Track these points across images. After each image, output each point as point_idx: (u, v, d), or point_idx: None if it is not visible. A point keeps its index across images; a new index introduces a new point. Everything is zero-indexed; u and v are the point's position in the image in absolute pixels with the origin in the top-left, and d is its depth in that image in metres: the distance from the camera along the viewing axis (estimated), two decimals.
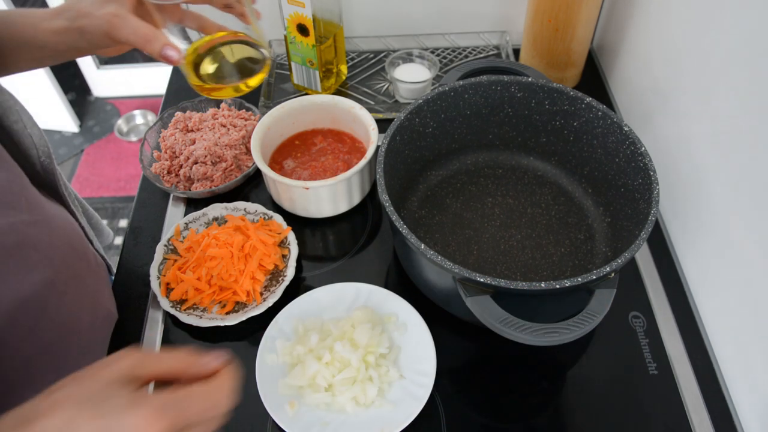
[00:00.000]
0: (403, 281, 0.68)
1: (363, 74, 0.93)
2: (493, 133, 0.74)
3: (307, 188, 0.68)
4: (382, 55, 0.96)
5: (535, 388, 0.61)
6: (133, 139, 2.20)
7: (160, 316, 0.67)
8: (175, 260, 0.68)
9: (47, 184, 0.62)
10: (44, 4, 2.09)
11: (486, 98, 0.70)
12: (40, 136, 0.59)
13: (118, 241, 1.82)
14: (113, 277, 0.72)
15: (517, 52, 0.96)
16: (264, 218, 0.72)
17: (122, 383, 0.37)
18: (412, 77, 0.86)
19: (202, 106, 0.86)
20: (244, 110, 0.85)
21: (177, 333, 0.66)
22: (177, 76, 0.97)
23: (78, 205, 0.69)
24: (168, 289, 0.66)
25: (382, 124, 0.81)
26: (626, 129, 0.63)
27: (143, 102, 2.32)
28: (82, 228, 0.67)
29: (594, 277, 0.51)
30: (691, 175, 0.67)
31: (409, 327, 0.62)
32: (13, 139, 0.57)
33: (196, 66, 0.57)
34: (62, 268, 0.56)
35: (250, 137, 0.80)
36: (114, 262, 0.75)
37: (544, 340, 0.49)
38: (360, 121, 0.75)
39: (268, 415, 0.57)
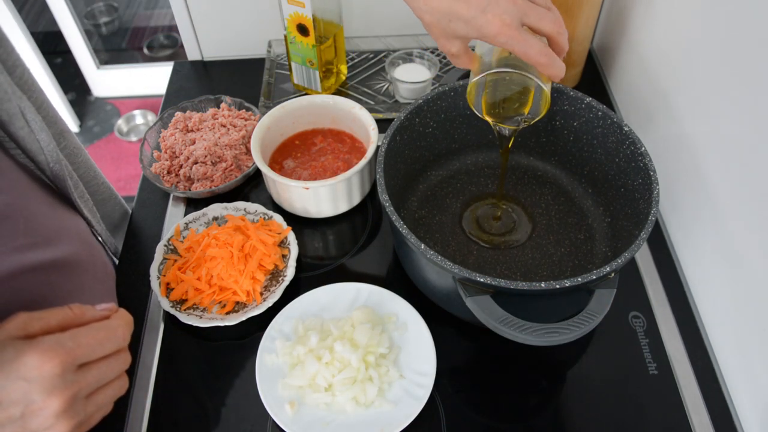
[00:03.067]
0: (403, 281, 0.68)
1: (363, 74, 0.93)
2: (493, 133, 0.74)
3: (307, 188, 0.68)
4: (382, 55, 0.96)
5: (535, 388, 0.61)
6: (133, 139, 2.20)
7: (160, 316, 0.67)
8: (175, 260, 0.68)
9: (59, 190, 0.61)
10: (44, 6, 2.09)
11: None
12: (49, 141, 0.57)
13: None
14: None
15: None
16: (264, 218, 0.72)
17: (13, 339, 0.38)
18: (412, 77, 0.86)
19: (202, 106, 0.86)
20: (244, 110, 0.85)
21: (177, 333, 0.66)
22: (177, 76, 0.97)
23: (96, 211, 0.68)
24: (168, 289, 0.66)
25: (382, 124, 0.81)
26: (626, 129, 0.63)
27: (143, 102, 2.32)
28: (95, 233, 0.67)
29: (594, 277, 0.51)
30: (691, 175, 0.67)
31: (409, 327, 0.62)
32: (21, 145, 0.56)
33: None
34: (61, 283, 0.55)
35: (250, 137, 0.80)
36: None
37: (544, 340, 0.49)
38: (360, 121, 0.75)
39: (268, 415, 0.57)
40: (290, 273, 0.66)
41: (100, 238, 0.69)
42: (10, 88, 0.54)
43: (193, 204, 0.77)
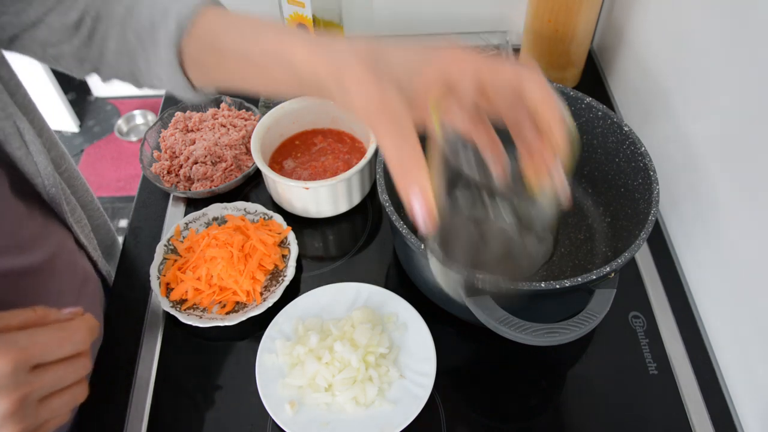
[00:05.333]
0: (403, 281, 0.68)
1: None
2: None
3: (307, 188, 0.68)
4: None
5: (535, 388, 0.61)
6: (133, 139, 2.20)
7: (160, 316, 0.67)
8: (175, 260, 0.68)
9: (54, 212, 0.60)
10: None
11: None
12: (47, 164, 0.55)
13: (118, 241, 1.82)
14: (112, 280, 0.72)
15: (517, 52, 0.96)
16: (264, 218, 0.72)
17: None
18: None
19: (202, 106, 0.86)
20: (244, 110, 0.85)
21: (177, 333, 0.66)
22: None
23: (92, 236, 0.66)
24: (168, 289, 0.66)
25: None
26: (626, 129, 0.63)
27: (143, 102, 2.32)
28: (85, 250, 0.65)
29: (594, 277, 0.51)
30: (691, 175, 0.67)
31: (409, 327, 0.62)
32: (18, 167, 0.54)
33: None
34: (33, 289, 0.54)
35: (250, 137, 0.80)
36: (114, 262, 0.74)
37: (544, 340, 0.49)
38: (360, 121, 0.75)
39: (268, 415, 0.57)
40: (290, 273, 0.66)
41: (94, 260, 0.67)
42: (11, 108, 0.52)
43: (193, 204, 0.77)
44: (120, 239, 0.79)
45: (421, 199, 0.35)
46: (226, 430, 0.59)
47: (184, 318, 0.63)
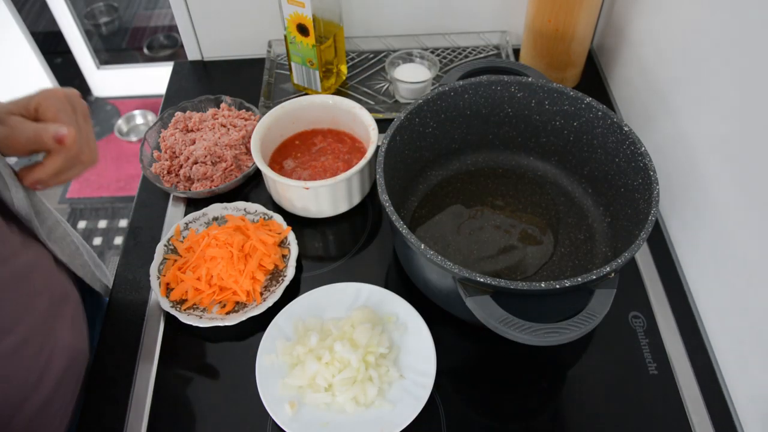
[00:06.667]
0: (403, 281, 0.68)
1: (363, 74, 0.93)
2: (493, 133, 0.74)
3: (307, 188, 0.69)
4: (382, 55, 0.96)
5: (535, 388, 0.61)
6: (133, 139, 2.20)
7: (160, 316, 0.67)
8: (175, 260, 0.68)
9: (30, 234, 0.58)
10: (44, 6, 2.09)
11: (486, 98, 0.70)
12: (22, 199, 0.54)
13: (118, 241, 1.83)
14: (111, 284, 0.72)
15: (517, 52, 0.96)
16: (264, 218, 0.72)
17: None
18: (412, 77, 0.86)
19: (202, 106, 0.86)
20: (244, 110, 0.85)
21: (177, 333, 0.66)
22: (177, 76, 0.97)
23: (76, 250, 0.64)
24: (168, 289, 0.66)
25: (382, 124, 0.81)
26: (626, 129, 0.63)
27: (143, 102, 2.32)
28: (68, 269, 0.63)
29: (594, 277, 0.51)
30: (691, 175, 0.67)
31: (409, 327, 0.62)
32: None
33: None
34: (19, 330, 0.53)
35: (250, 137, 0.80)
36: (114, 263, 0.74)
37: (544, 340, 0.49)
38: (360, 121, 0.75)
39: (268, 415, 0.57)
40: (290, 273, 0.66)
41: (80, 276, 0.65)
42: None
43: (193, 204, 0.77)
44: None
45: None
46: (226, 430, 0.59)
47: (184, 318, 0.63)
